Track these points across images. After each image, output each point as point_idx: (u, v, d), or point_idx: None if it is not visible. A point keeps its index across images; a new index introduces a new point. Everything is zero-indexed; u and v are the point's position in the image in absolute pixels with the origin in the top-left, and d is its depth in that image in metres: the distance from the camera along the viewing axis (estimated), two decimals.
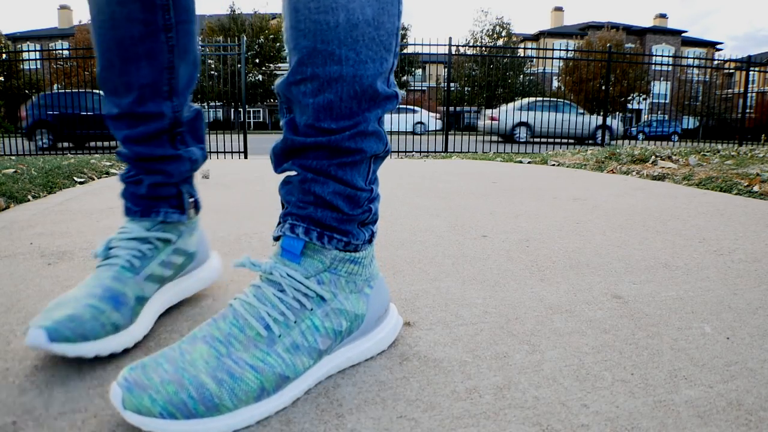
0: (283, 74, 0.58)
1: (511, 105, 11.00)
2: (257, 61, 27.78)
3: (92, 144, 9.18)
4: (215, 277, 0.85)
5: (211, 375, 0.49)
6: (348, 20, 0.52)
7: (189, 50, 0.73)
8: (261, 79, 27.62)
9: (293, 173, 0.59)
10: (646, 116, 31.41)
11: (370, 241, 0.63)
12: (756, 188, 2.16)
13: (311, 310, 0.56)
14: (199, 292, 0.86)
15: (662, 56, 8.70)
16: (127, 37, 0.66)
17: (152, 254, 0.72)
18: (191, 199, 0.80)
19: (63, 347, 0.57)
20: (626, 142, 9.60)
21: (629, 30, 37.16)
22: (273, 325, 0.53)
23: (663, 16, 42.17)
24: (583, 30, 37.37)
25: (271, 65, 28.18)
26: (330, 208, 0.58)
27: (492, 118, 10.53)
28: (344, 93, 0.54)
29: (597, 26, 36.34)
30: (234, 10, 29.72)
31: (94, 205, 1.76)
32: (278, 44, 27.91)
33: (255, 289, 0.56)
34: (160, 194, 0.74)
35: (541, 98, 11.06)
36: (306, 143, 0.56)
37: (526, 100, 11.01)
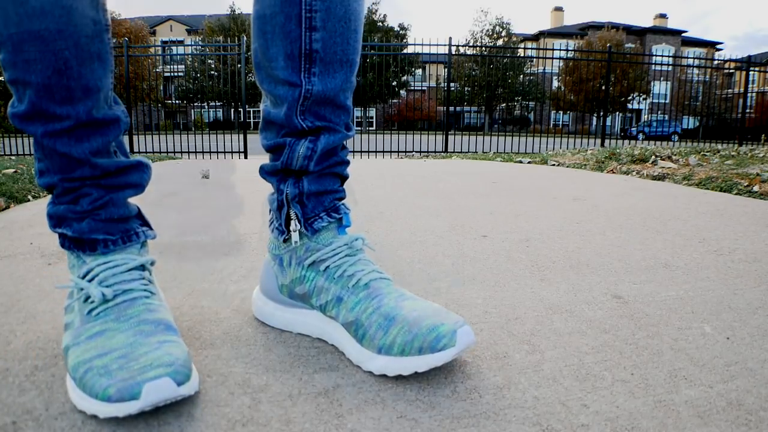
0: None
1: None
2: None
3: None
4: None
5: None
6: None
7: None
8: None
9: None
10: (646, 116, 31.42)
11: None
12: (756, 188, 2.16)
13: None
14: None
15: (662, 56, 8.71)
16: (83, 36, 0.59)
17: (150, 279, 0.66)
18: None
19: (186, 388, 0.51)
20: (626, 142, 9.60)
21: (629, 30, 37.16)
22: None
23: (663, 16, 42.20)
24: (583, 30, 37.37)
25: None
26: None
27: None
28: None
29: (597, 26, 36.35)
30: (234, 10, 29.73)
31: None
32: None
33: None
34: (131, 212, 0.68)
35: None
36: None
37: None
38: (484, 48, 18.96)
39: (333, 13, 0.62)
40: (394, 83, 24.22)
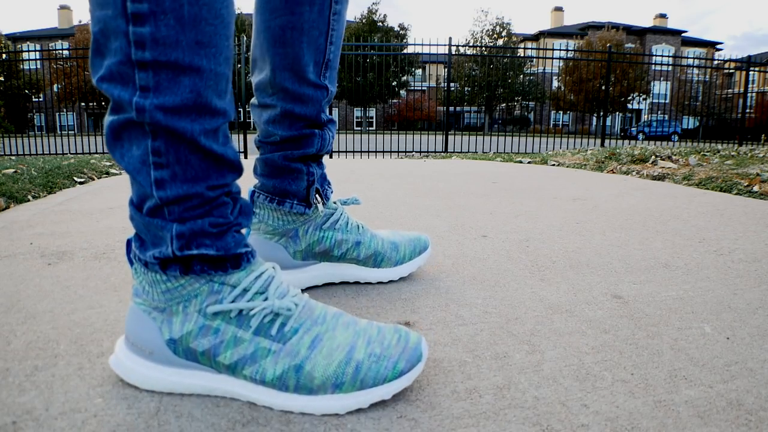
0: None
1: None
2: None
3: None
4: None
5: None
6: None
7: None
8: None
9: None
10: (646, 116, 31.44)
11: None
12: (756, 188, 2.16)
13: None
14: None
15: (662, 56, 8.70)
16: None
17: None
18: None
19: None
20: (626, 142, 9.60)
21: (629, 30, 37.18)
22: None
23: (663, 16, 42.20)
24: (583, 30, 37.39)
25: None
26: None
27: None
28: None
29: (597, 26, 36.37)
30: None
31: (94, 205, 1.76)
32: None
33: None
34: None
35: None
36: None
37: None
38: (484, 48, 18.95)
39: (338, 32, 0.77)
40: (394, 83, 24.23)
